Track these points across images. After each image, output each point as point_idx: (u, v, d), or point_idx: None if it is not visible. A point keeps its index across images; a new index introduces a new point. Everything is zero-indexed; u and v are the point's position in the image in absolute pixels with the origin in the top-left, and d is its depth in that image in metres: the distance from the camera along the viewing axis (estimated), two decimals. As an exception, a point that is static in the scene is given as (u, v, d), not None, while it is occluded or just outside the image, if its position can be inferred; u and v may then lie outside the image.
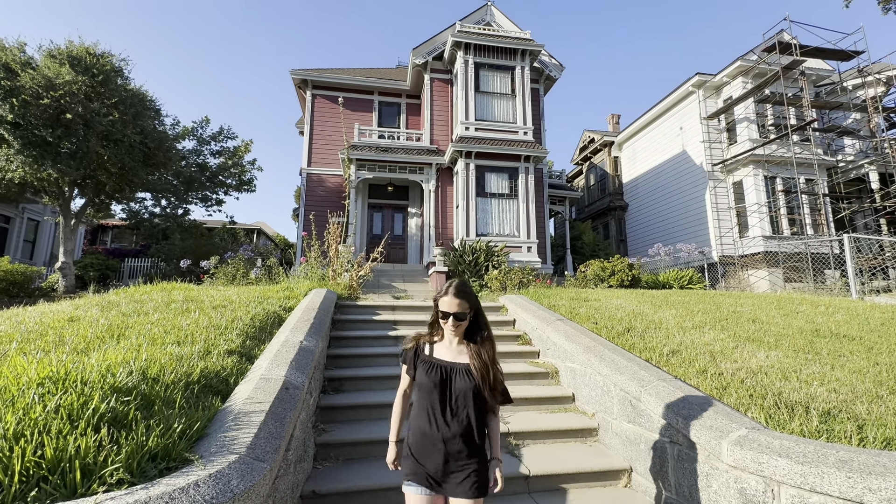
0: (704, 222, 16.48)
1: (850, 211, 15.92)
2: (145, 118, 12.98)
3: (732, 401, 3.02)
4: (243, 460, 1.90)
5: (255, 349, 3.71)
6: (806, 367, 3.65)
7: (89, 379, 2.14)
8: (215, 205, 19.11)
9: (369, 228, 14.83)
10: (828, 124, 16.69)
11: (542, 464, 3.31)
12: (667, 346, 4.17)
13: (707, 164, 16.54)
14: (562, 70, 15.56)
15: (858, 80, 16.68)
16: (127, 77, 12.85)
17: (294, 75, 15.27)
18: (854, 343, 4.49)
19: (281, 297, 5.85)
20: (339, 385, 4.31)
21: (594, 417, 3.93)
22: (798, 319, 5.55)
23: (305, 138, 15.28)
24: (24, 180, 11.73)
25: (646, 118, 20.10)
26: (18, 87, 10.57)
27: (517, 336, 5.73)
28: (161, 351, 3.02)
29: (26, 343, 3.12)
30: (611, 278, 10.33)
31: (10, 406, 1.82)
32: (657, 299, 6.63)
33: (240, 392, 2.71)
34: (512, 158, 13.17)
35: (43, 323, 3.78)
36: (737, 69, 16.07)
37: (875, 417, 2.70)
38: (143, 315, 4.23)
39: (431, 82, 14.61)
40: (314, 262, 8.25)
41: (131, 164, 12.55)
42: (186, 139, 18.27)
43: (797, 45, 15.12)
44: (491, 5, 15.34)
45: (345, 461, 3.33)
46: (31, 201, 17.90)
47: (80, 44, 11.91)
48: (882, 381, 3.36)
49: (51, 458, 1.59)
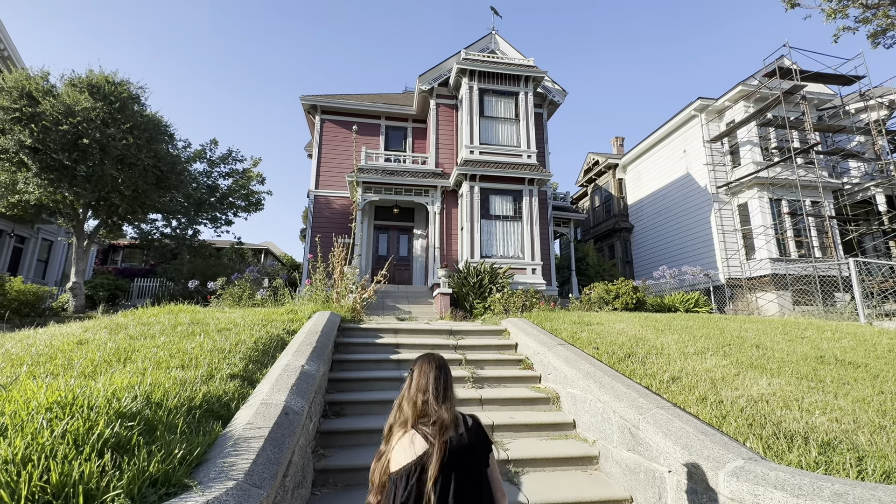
0: (710, 244, 16.44)
1: (859, 233, 15.81)
2: (159, 142, 13.38)
3: (731, 430, 3.01)
4: (241, 486, 1.94)
5: (258, 373, 3.76)
6: (808, 396, 3.62)
7: (95, 404, 2.20)
8: (224, 225, 19.45)
9: (375, 250, 14.97)
10: (832, 147, 16.75)
11: (541, 493, 3.29)
12: (667, 373, 4.16)
13: (711, 186, 16.60)
14: (565, 95, 15.88)
15: (861, 103, 16.80)
16: (143, 103, 13.32)
17: (304, 101, 15.73)
18: (859, 370, 4.45)
19: (285, 320, 5.92)
20: (340, 409, 4.33)
21: (595, 445, 3.90)
22: (803, 345, 5.50)
23: (314, 161, 15.63)
24: (41, 202, 12.07)
25: (649, 141, 20.31)
26: (39, 114, 11.00)
27: (519, 360, 5.72)
28: (165, 375, 3.09)
29: (36, 366, 3.20)
30: (615, 301, 10.30)
31: (19, 431, 1.89)
32: (660, 323, 6.60)
33: (240, 417, 2.75)
34: (516, 181, 13.33)
35: (52, 346, 3.87)
36: (738, 93, 16.29)
37: (876, 449, 2.68)
38: (150, 338, 4.31)
39: (437, 107, 14.96)
40: (319, 284, 8.34)
41: (144, 186, 12.88)
42: (197, 161, 18.76)
43: (797, 70, 15.34)
44: (495, 34, 15.81)
45: (344, 487, 3.33)
46: (46, 222, 18.33)
47: (100, 72, 12.42)
48: (886, 411, 3.32)
49: (56, 483, 1.64)
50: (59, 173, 11.43)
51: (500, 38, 15.79)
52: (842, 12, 11.87)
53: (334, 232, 13.44)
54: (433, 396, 1.82)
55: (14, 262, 18.35)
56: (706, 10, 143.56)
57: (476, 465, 1.77)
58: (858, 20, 12.30)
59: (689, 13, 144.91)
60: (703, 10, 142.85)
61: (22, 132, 10.79)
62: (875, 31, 12.36)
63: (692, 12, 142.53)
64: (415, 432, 1.76)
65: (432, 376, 1.87)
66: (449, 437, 1.72)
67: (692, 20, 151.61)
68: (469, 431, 1.79)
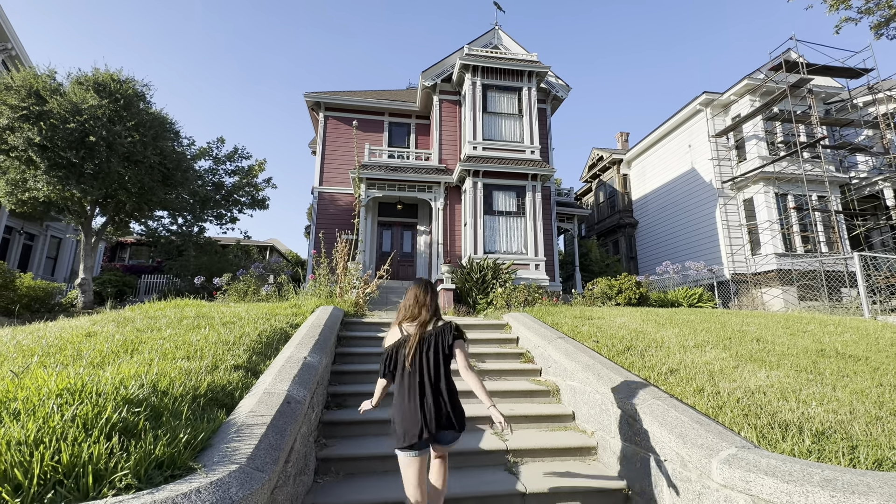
0: (715, 239, 16.36)
1: (866, 228, 15.68)
2: (165, 140, 13.49)
3: (727, 420, 3.04)
4: (243, 470, 2.01)
5: (261, 364, 3.84)
6: (806, 388, 3.64)
7: (103, 391, 2.28)
8: (229, 222, 19.59)
9: (378, 246, 15.04)
10: (839, 141, 16.58)
11: (540, 482, 3.34)
12: (665, 365, 4.19)
13: (717, 181, 16.51)
14: (568, 90, 15.81)
15: (869, 97, 16.62)
16: (148, 101, 13.43)
17: (308, 98, 15.78)
18: (859, 363, 4.45)
19: (288, 314, 6.00)
20: (343, 401, 4.41)
21: (593, 436, 3.95)
22: (804, 339, 5.50)
23: (317, 158, 15.70)
24: (49, 199, 12.24)
25: (654, 136, 20.20)
26: (47, 112, 11.14)
27: (520, 354, 5.77)
28: (171, 365, 3.17)
29: (46, 357, 3.29)
30: (618, 296, 10.31)
31: (31, 415, 1.97)
32: (661, 318, 6.62)
33: (244, 405, 2.83)
34: (519, 177, 13.34)
35: (62, 338, 3.97)
36: (744, 87, 16.15)
37: (871, 438, 2.71)
38: (157, 331, 4.40)
39: (440, 103, 14.97)
40: (323, 280, 8.42)
41: (150, 183, 13.02)
42: (203, 159, 18.89)
43: (804, 63, 15.19)
44: (498, 29, 15.77)
45: (345, 476, 3.40)
46: (54, 219, 18.57)
47: (106, 70, 12.54)
48: (883, 403, 3.34)
49: (66, 464, 1.72)
50: (66, 171, 11.58)
51: (503, 34, 15.75)
52: (844, 3, 11.72)
53: (338, 228, 13.52)
54: (416, 304, 2.73)
55: (24, 259, 18.62)
56: (712, 7, 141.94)
57: (442, 347, 2.64)
58: (861, 11, 12.13)
59: (695, 10, 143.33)
60: (708, 7, 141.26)
61: (30, 130, 10.93)
62: (878, 21, 12.18)
63: (697, 9, 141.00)
64: (406, 325, 2.71)
65: (419, 292, 2.77)
66: (425, 329, 2.66)
67: (697, 17, 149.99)
68: (440, 327, 2.71)
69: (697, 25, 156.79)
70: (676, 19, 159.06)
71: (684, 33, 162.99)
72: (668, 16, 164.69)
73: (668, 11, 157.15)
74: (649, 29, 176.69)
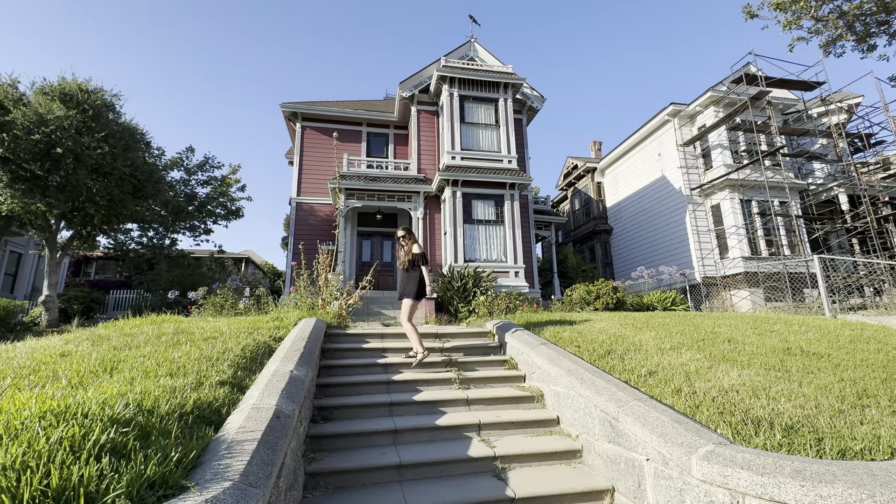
0: (686, 244, 16.97)
1: (824, 231, 16.57)
2: (135, 151, 13.14)
3: (704, 418, 3.19)
4: (237, 486, 2.00)
5: (247, 379, 3.79)
6: (775, 385, 3.85)
7: (89, 411, 2.23)
8: (203, 234, 19.10)
9: (359, 256, 14.97)
10: (797, 150, 17.54)
11: (527, 486, 3.41)
12: (645, 368, 4.35)
13: (686, 188, 17.17)
14: (543, 101, 16.22)
15: (822, 108, 17.67)
16: (118, 111, 13.08)
17: (284, 108, 15.67)
18: (822, 360, 4.72)
19: (271, 328, 5.92)
20: (329, 414, 4.38)
21: (578, 439, 4.05)
22: (772, 338, 5.78)
23: (295, 168, 15.56)
24: (11, 213, 11.71)
25: (626, 145, 20.88)
26: (9, 123, 10.71)
27: (504, 361, 5.85)
28: (154, 383, 3.11)
29: (20, 379, 3.17)
30: (596, 301, 10.56)
31: (14, 439, 1.91)
32: (639, 322, 6.83)
33: (232, 422, 2.80)
34: (497, 186, 13.56)
35: (34, 358, 3.82)
36: (708, 99, 16.93)
37: (834, 430, 2.89)
38: (135, 348, 4.29)
39: (418, 114, 15.11)
40: (304, 291, 8.33)
41: (120, 196, 12.63)
42: (174, 169, 18.42)
43: (763, 76, 16.05)
44: (474, 41, 16.09)
45: (334, 490, 3.39)
46: (15, 234, 17.72)
47: (73, 80, 12.16)
48: (845, 397, 3.56)
49: (56, 487, 1.68)
50: (30, 183, 11.14)
51: (478, 46, 16.07)
52: (796, 23, 12.59)
53: (318, 239, 13.42)
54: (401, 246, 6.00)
55: (-19, 276, 17.67)
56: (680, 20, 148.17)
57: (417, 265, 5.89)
58: (811, 31, 13.07)
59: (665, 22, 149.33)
60: (677, 20, 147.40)
61: (-9, 142, 10.49)
62: (826, 41, 13.13)
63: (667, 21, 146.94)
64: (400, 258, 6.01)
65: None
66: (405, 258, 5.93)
67: (667, 29, 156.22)
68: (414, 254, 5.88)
69: (669, 37, 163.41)
70: (647, 31, 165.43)
71: (654, 44, 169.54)
72: (640, 28, 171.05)
73: (640, 24, 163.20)
74: (620, 41, 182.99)
